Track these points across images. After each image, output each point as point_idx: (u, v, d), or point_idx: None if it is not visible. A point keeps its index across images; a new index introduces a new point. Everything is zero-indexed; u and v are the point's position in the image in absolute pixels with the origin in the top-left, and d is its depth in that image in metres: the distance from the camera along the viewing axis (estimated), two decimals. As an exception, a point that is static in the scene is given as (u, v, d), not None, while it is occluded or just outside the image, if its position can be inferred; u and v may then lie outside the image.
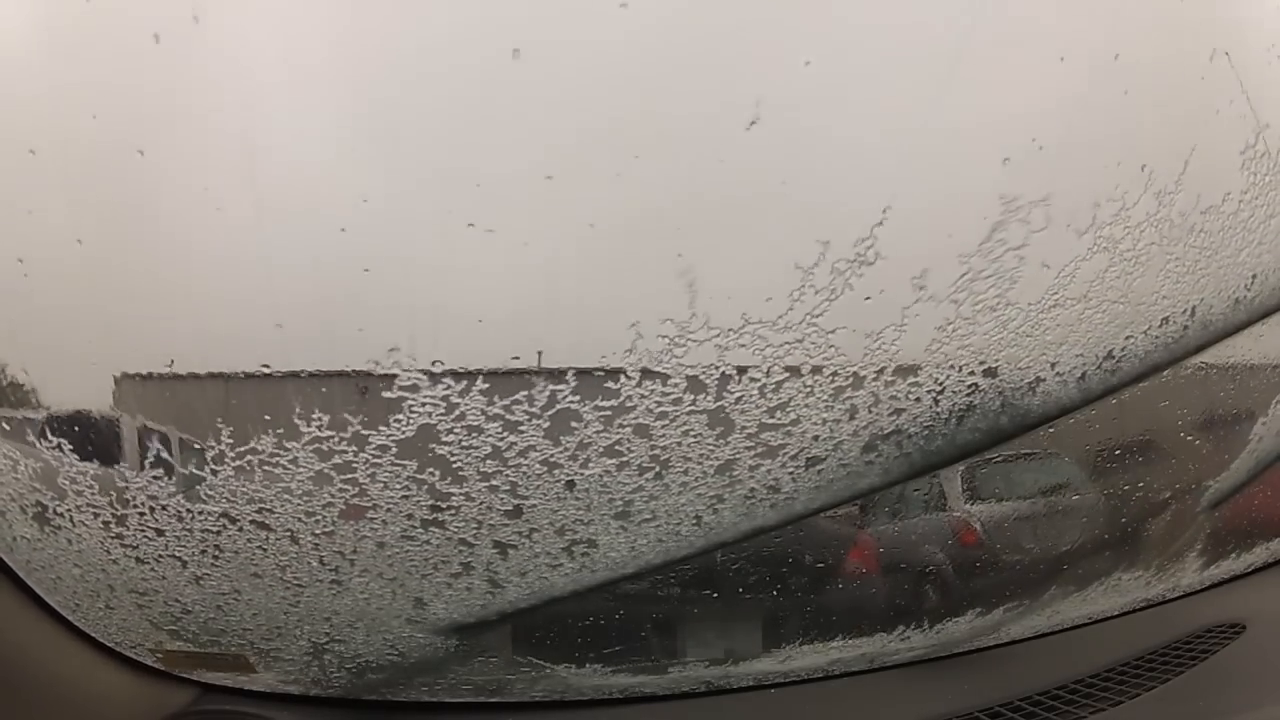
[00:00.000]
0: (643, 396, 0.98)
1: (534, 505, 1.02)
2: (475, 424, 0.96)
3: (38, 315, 0.99)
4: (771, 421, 1.02)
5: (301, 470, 0.98)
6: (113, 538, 1.03)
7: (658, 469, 1.02)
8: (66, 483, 0.99)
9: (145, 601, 1.09)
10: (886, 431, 1.06)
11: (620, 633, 1.24)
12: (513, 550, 1.05)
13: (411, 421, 0.96)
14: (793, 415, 1.02)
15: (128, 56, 0.91)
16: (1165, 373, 1.20)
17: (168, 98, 0.92)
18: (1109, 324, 1.10)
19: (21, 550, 1.02)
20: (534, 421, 0.97)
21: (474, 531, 1.03)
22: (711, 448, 1.02)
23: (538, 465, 0.99)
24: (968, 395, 1.07)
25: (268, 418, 0.97)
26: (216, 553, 1.03)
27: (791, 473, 1.06)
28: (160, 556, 1.04)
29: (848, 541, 1.33)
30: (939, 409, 1.07)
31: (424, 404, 0.95)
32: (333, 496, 1.00)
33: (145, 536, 1.03)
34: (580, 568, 1.08)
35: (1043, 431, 1.17)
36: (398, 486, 0.99)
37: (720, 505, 1.06)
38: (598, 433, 0.98)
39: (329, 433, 0.97)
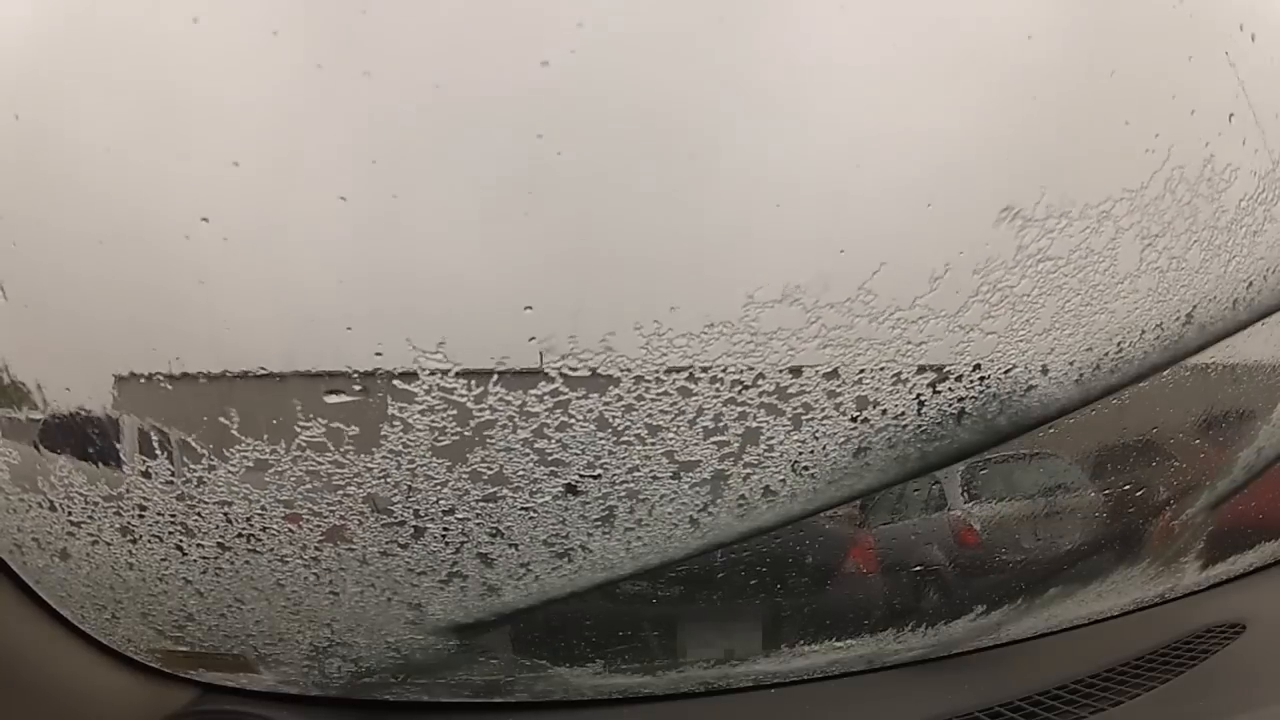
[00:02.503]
0: (641, 397, 0.98)
1: (533, 506, 1.02)
2: (474, 425, 0.96)
3: (38, 315, 0.99)
4: (770, 422, 1.02)
5: (302, 472, 0.98)
6: (112, 540, 1.03)
7: (656, 469, 1.02)
8: (66, 484, 0.99)
9: (146, 603, 1.09)
10: (886, 432, 1.06)
11: (620, 633, 1.24)
12: (511, 552, 1.05)
13: (410, 422, 0.96)
14: (791, 416, 1.02)
15: (128, 56, 0.91)
16: (1165, 373, 1.20)
17: (166, 97, 0.92)
18: (1109, 324, 1.10)
19: (21, 550, 1.02)
20: (532, 422, 0.97)
21: (473, 533, 1.03)
22: (709, 448, 1.02)
23: (537, 466, 0.99)
24: (966, 396, 1.07)
25: (267, 419, 0.97)
26: (216, 554, 1.03)
27: (791, 473, 1.06)
28: (159, 558, 1.04)
29: (848, 541, 1.33)
30: (938, 409, 1.07)
31: (422, 405, 0.95)
32: (333, 498, 1.00)
33: (144, 538, 1.03)
34: (579, 569, 1.08)
35: (1043, 431, 1.17)
36: (398, 488, 0.99)
37: (719, 506, 1.06)
38: (595, 433, 0.98)
39: (328, 434, 0.97)
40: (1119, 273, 1.07)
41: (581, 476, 1.01)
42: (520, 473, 0.99)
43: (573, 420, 0.98)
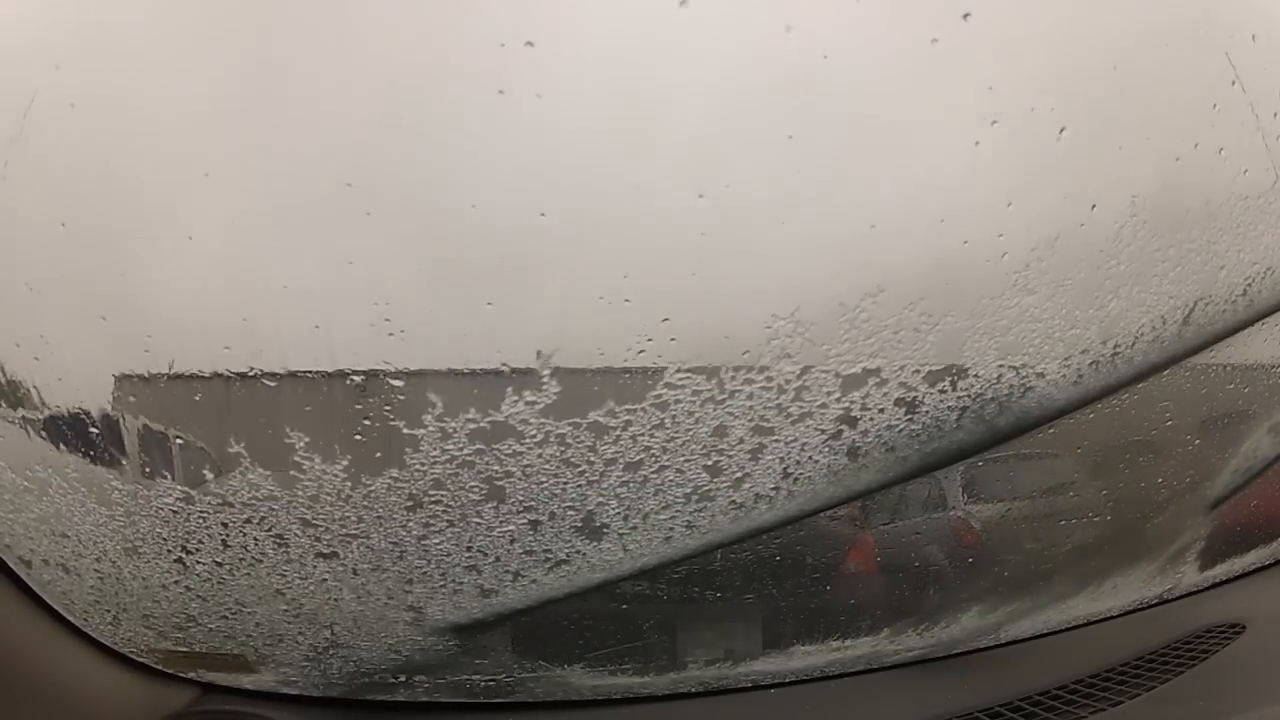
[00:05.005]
0: (638, 397, 0.98)
1: (531, 507, 1.02)
2: (473, 425, 0.96)
3: (38, 314, 0.99)
4: (769, 423, 1.02)
5: (303, 472, 0.98)
6: (112, 541, 1.03)
7: (654, 469, 1.02)
8: (66, 484, 1.00)
9: (146, 604, 1.09)
10: (885, 433, 1.06)
11: (620, 633, 1.24)
12: (511, 552, 1.05)
13: (410, 423, 0.96)
14: (790, 416, 1.02)
15: (125, 54, 0.91)
16: (1164, 373, 1.20)
17: (165, 95, 0.92)
18: (1108, 324, 1.10)
19: (21, 551, 1.02)
20: (531, 422, 0.97)
21: (473, 534, 1.03)
22: (708, 448, 1.02)
23: (535, 467, 0.99)
24: (966, 396, 1.07)
25: (267, 419, 0.97)
26: (217, 556, 1.04)
27: (791, 473, 1.06)
28: (159, 560, 1.04)
29: (847, 542, 1.33)
30: (938, 409, 1.07)
31: (422, 405, 0.95)
32: (334, 499, 1.00)
33: (145, 540, 1.03)
34: (578, 569, 1.08)
35: (1043, 431, 1.17)
36: (397, 488, 0.99)
37: (718, 506, 1.06)
38: (594, 433, 0.98)
39: (329, 434, 0.97)
40: (1118, 274, 1.08)
41: (580, 476, 1.01)
42: (518, 476, 0.99)
43: (572, 420, 0.98)
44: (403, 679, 1.19)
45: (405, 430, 0.97)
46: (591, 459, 1.00)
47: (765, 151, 0.97)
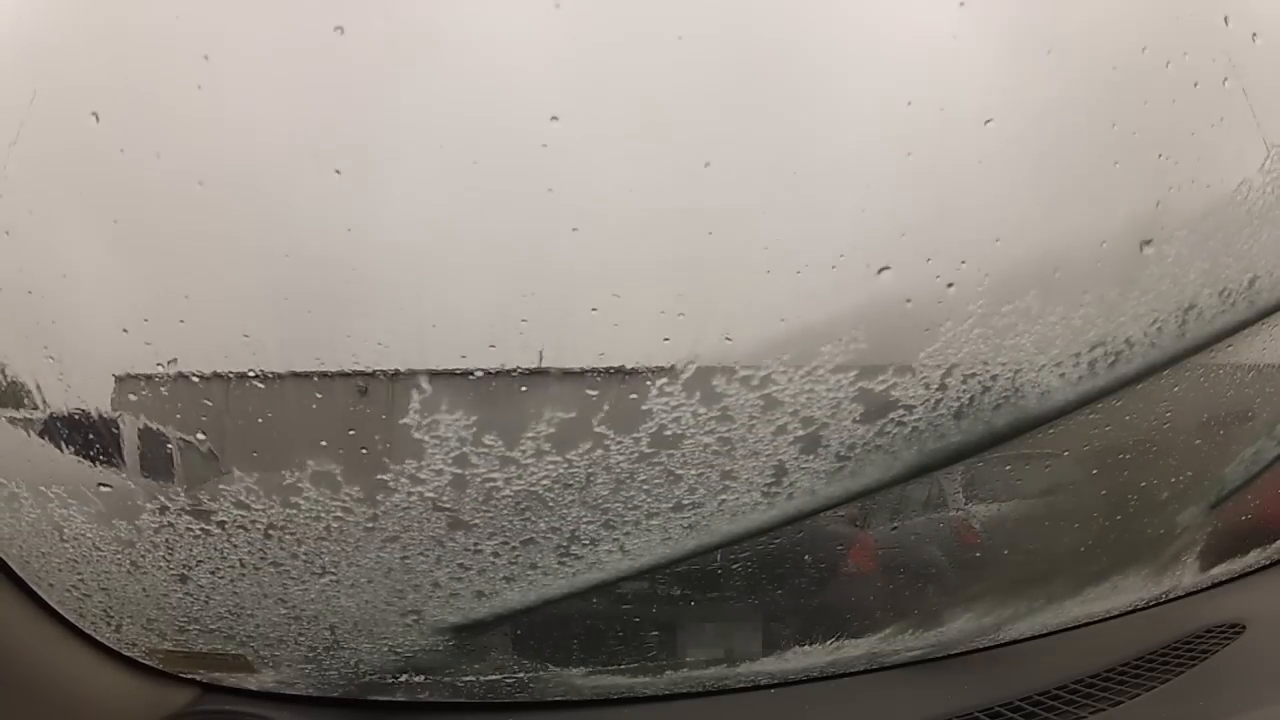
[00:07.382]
0: (637, 396, 0.98)
1: (531, 507, 1.02)
2: (473, 425, 0.96)
3: (38, 315, 0.99)
4: (769, 423, 1.02)
5: (303, 473, 0.98)
6: (112, 541, 1.03)
7: (654, 470, 1.02)
8: (66, 485, 1.00)
9: (146, 604, 1.09)
10: (884, 433, 1.06)
11: (620, 633, 1.24)
12: (511, 552, 1.05)
13: (410, 422, 0.96)
14: (790, 416, 1.02)
15: (125, 56, 0.91)
16: (1164, 373, 1.20)
17: (165, 98, 0.92)
18: (1107, 325, 1.10)
19: (22, 551, 1.02)
20: (530, 421, 0.97)
21: (473, 534, 1.03)
22: (707, 449, 1.02)
23: (535, 467, 0.99)
24: (966, 396, 1.07)
25: (267, 418, 0.97)
26: (218, 555, 1.04)
27: (790, 474, 1.06)
28: (159, 560, 1.04)
29: (848, 541, 1.33)
30: (937, 409, 1.07)
31: (422, 405, 0.95)
32: (334, 499, 1.00)
33: (145, 540, 1.03)
34: (578, 569, 1.08)
35: (1043, 431, 1.17)
36: (398, 488, 0.99)
37: (718, 506, 1.06)
38: (593, 433, 0.98)
39: (329, 433, 0.97)
40: (1115, 275, 1.08)
41: (580, 476, 1.01)
42: (515, 479, 0.99)
43: (572, 419, 0.98)
44: (403, 679, 1.19)
45: (402, 433, 0.97)
46: (589, 460, 1.00)
47: (767, 154, 0.97)
